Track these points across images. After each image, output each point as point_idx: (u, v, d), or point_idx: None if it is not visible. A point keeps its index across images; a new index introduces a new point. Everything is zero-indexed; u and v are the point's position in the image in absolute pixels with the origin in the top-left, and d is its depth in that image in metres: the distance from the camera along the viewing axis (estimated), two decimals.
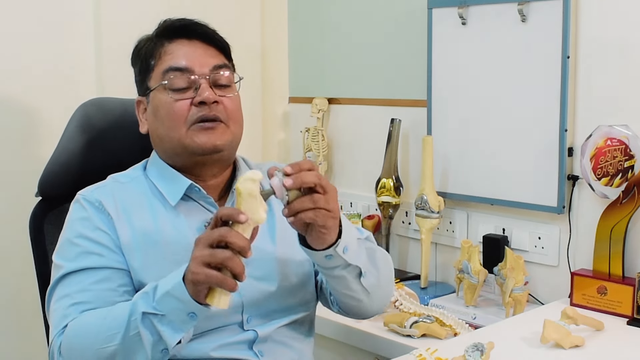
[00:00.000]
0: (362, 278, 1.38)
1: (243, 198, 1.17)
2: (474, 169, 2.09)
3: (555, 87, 1.88)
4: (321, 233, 1.26)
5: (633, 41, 1.78)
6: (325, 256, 1.30)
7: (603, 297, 1.76)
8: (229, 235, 1.15)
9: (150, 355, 1.23)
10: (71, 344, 1.28)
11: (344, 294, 1.41)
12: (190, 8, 2.24)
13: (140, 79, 1.48)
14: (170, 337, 1.21)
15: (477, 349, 1.38)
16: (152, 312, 1.21)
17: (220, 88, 1.43)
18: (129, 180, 1.47)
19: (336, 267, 1.34)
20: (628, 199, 1.75)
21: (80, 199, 1.42)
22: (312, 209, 1.22)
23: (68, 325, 1.29)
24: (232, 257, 1.15)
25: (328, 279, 1.40)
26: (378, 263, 1.44)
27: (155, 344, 1.22)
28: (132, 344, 1.22)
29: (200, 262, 1.16)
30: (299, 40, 2.60)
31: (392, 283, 1.55)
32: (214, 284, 1.16)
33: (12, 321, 2.04)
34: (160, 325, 1.21)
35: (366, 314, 1.50)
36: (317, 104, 2.47)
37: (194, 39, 1.45)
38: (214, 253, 1.15)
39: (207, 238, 1.17)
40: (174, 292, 1.19)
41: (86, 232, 1.37)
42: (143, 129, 1.50)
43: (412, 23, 2.22)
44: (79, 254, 1.36)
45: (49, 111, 2.07)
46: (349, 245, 1.32)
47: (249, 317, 1.41)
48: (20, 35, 2.02)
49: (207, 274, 1.15)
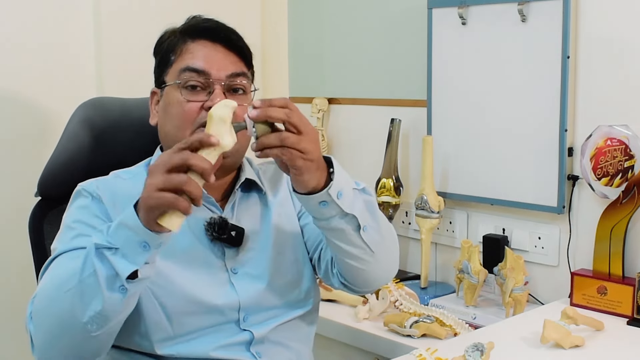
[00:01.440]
0: (362, 232, 1.33)
1: (214, 121, 1.14)
2: (474, 169, 2.09)
3: (555, 87, 1.88)
4: (293, 174, 1.24)
5: (633, 41, 1.78)
6: (319, 202, 1.27)
7: (603, 297, 1.76)
8: (191, 158, 1.11)
9: (107, 292, 1.16)
10: (38, 301, 1.24)
11: (346, 252, 1.36)
12: (190, 7, 2.25)
13: (159, 71, 1.48)
14: (123, 269, 1.15)
15: (477, 349, 1.38)
16: (105, 245, 1.16)
17: (233, 94, 1.42)
18: (131, 176, 1.47)
19: (333, 218, 1.30)
20: (628, 199, 1.75)
21: (81, 190, 1.42)
22: (279, 147, 1.19)
23: (38, 289, 1.27)
24: (189, 181, 1.10)
25: (327, 236, 1.35)
26: (379, 218, 1.38)
27: (110, 279, 1.16)
28: (89, 285, 1.17)
29: (154, 188, 1.11)
30: (299, 40, 2.60)
31: (397, 248, 1.48)
32: (166, 206, 1.11)
33: (12, 321, 2.04)
34: (114, 258, 1.15)
35: (371, 281, 1.44)
36: (317, 104, 2.47)
37: (217, 42, 1.44)
38: (170, 178, 1.11)
39: (165, 163, 1.12)
40: (125, 221, 1.16)
41: (84, 218, 1.37)
42: (153, 121, 1.50)
43: (412, 23, 2.22)
44: (74, 236, 1.34)
45: (48, 111, 2.07)
46: (342, 191, 1.28)
47: (246, 316, 1.40)
48: (20, 35, 2.02)
49: (158, 197, 1.11)
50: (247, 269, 1.43)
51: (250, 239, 1.44)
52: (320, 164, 1.26)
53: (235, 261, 1.42)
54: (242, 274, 1.42)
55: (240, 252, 1.43)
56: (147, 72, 1.53)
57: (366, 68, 2.39)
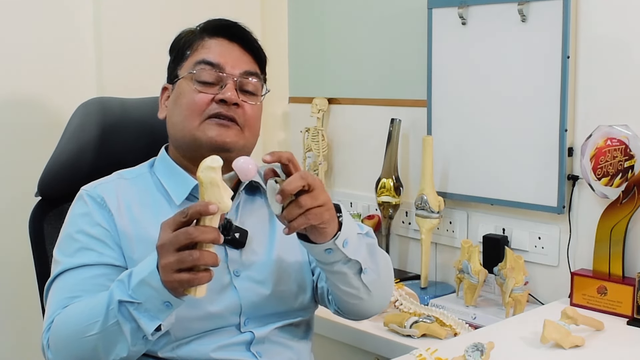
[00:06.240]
0: (362, 274, 1.36)
1: (205, 188, 1.14)
2: (474, 169, 2.09)
3: (555, 87, 1.88)
4: (321, 229, 1.25)
5: (633, 41, 1.78)
6: (325, 250, 1.29)
7: (603, 297, 1.76)
8: (196, 235, 1.13)
9: (131, 343, 1.22)
10: (57, 336, 1.28)
11: (345, 291, 1.39)
12: (190, 8, 2.25)
13: (173, 67, 1.49)
14: (147, 325, 1.20)
15: (477, 349, 1.38)
16: (128, 300, 1.19)
17: (245, 94, 1.43)
18: (135, 176, 1.47)
19: (336, 262, 1.32)
20: (628, 199, 1.75)
21: (84, 195, 1.42)
22: (302, 214, 1.20)
23: (55, 318, 1.29)
24: (201, 255, 1.13)
25: (328, 276, 1.38)
26: (378, 260, 1.42)
27: (134, 331, 1.21)
28: (112, 333, 1.21)
29: (170, 270, 1.14)
30: (299, 40, 2.60)
31: (392, 283, 1.54)
32: (188, 286, 1.15)
33: (12, 321, 2.04)
34: (137, 313, 1.19)
35: (365, 314, 1.49)
36: (317, 104, 2.47)
37: (234, 41, 1.46)
38: (182, 258, 1.13)
39: (172, 242, 1.14)
40: (149, 281, 1.18)
41: (86, 228, 1.37)
42: (161, 115, 1.50)
43: (412, 23, 2.22)
44: (77, 249, 1.36)
45: (49, 111, 2.07)
46: (349, 239, 1.30)
47: (247, 320, 1.40)
48: (20, 35, 2.02)
49: (179, 280, 1.14)
50: (250, 273, 1.42)
51: (255, 242, 1.43)
52: (332, 209, 1.28)
53: (238, 263, 1.41)
54: (245, 277, 1.41)
55: (244, 255, 1.42)
56: (147, 72, 1.54)
57: (366, 68, 2.39)
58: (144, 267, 1.20)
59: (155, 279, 1.17)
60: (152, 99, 1.73)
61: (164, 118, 1.49)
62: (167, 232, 1.16)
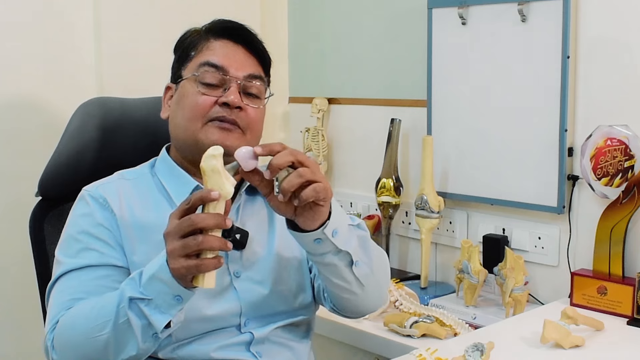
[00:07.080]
0: (354, 267, 1.34)
1: (208, 176, 1.16)
2: (474, 169, 2.09)
3: (555, 87, 1.88)
4: (317, 208, 1.23)
5: (633, 41, 1.78)
6: (314, 240, 1.27)
7: (603, 297, 1.76)
8: (199, 221, 1.13)
9: (141, 340, 1.22)
10: (63, 337, 1.28)
11: (337, 285, 1.37)
12: (190, 8, 2.26)
13: (177, 66, 1.49)
14: (158, 320, 1.20)
15: (477, 349, 1.38)
16: (139, 296, 1.20)
17: (248, 97, 1.43)
18: (136, 176, 1.47)
19: (326, 254, 1.30)
20: (628, 199, 1.75)
21: (85, 195, 1.42)
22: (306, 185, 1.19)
23: (59, 319, 1.30)
24: (205, 239, 1.13)
25: (320, 268, 1.36)
26: (371, 253, 1.39)
27: (144, 328, 1.21)
28: (123, 331, 1.22)
29: (176, 256, 1.15)
30: (299, 40, 2.60)
31: (388, 279, 1.51)
32: (195, 272, 1.15)
33: (12, 321, 2.04)
34: (148, 309, 1.20)
35: (361, 310, 1.46)
36: (317, 104, 2.47)
37: (239, 44, 1.45)
38: (186, 243, 1.13)
39: (176, 230, 1.15)
40: (159, 275, 1.18)
41: (88, 228, 1.38)
42: (164, 115, 1.50)
43: (412, 23, 2.22)
44: (79, 250, 1.36)
45: (49, 111, 2.07)
46: (338, 229, 1.28)
47: (247, 320, 1.41)
48: (20, 35, 2.02)
49: (186, 266, 1.14)
50: (250, 273, 1.42)
51: (255, 243, 1.43)
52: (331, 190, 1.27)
53: (239, 264, 1.41)
54: (245, 278, 1.41)
55: (244, 256, 1.42)
56: (147, 73, 1.54)
57: (366, 68, 2.39)
58: (155, 263, 1.20)
59: (165, 272, 1.17)
60: (152, 99, 1.73)
61: (167, 118, 1.49)
62: (173, 221, 1.17)
